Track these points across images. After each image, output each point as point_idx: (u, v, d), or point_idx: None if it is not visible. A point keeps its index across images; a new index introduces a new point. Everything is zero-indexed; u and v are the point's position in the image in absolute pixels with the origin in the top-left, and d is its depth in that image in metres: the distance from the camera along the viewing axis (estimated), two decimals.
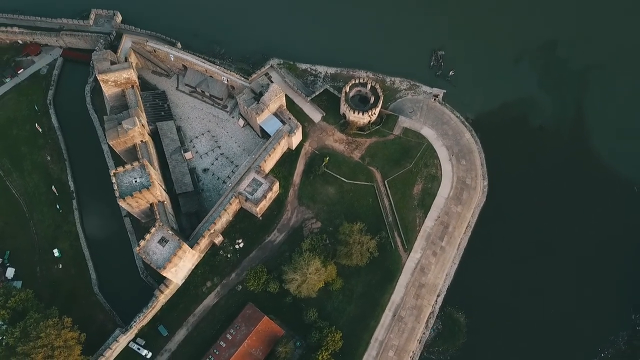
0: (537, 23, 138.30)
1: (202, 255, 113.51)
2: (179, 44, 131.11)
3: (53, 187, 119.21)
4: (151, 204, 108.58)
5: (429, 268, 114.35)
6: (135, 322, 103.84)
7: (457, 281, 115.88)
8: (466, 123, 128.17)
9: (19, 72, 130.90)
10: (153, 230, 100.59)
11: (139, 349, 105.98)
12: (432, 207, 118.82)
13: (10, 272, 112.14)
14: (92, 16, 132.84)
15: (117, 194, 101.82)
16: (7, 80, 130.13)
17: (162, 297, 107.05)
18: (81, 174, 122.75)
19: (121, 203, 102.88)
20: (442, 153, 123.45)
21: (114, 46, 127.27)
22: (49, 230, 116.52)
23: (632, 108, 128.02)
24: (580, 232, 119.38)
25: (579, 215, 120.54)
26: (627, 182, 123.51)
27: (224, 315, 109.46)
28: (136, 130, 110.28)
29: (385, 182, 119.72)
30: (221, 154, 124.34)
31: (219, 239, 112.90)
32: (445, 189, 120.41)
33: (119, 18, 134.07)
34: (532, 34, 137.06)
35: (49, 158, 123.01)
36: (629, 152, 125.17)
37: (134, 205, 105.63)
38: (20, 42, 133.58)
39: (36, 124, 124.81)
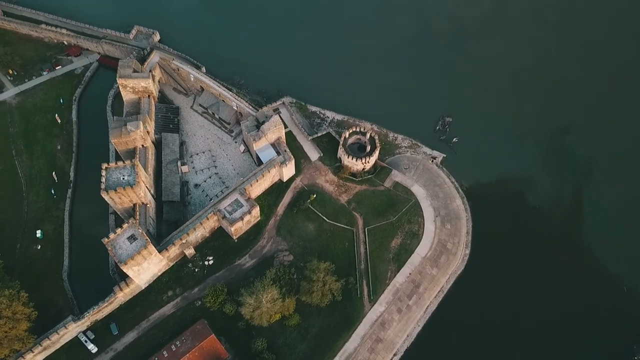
0: (551, 106, 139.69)
1: (171, 264, 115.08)
2: (203, 69, 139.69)
3: (54, 173, 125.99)
4: (135, 205, 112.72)
5: (390, 324, 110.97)
6: (88, 313, 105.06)
7: (418, 344, 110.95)
8: (459, 189, 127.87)
9: (56, 68, 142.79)
10: (125, 226, 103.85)
11: (86, 341, 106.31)
12: (407, 263, 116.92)
13: None
14: (134, 31, 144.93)
15: (102, 186, 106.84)
16: (45, 73, 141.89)
17: (121, 295, 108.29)
18: (84, 167, 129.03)
19: (104, 195, 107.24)
20: (428, 213, 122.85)
21: (143, 59, 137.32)
22: (39, 212, 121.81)
23: (632, 206, 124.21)
24: (560, 326, 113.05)
25: (561, 307, 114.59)
26: (617, 280, 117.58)
27: (176, 326, 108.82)
28: (138, 134, 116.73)
29: (366, 229, 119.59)
30: (215, 174, 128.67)
31: (190, 252, 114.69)
32: (423, 249, 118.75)
33: (156, 37, 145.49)
34: (543, 116, 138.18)
35: (59, 147, 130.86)
36: (622, 251, 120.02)
37: (117, 200, 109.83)
38: (65, 42, 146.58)
39: (56, 115, 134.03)
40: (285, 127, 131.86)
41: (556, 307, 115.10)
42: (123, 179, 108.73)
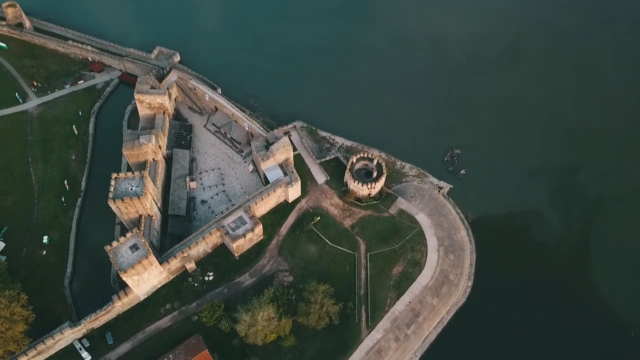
0: (562, 144, 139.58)
1: (172, 277, 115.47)
2: (219, 90, 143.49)
3: (66, 182, 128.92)
4: (140, 216, 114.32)
5: (387, 352, 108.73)
6: (85, 320, 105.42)
7: None
8: (465, 221, 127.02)
9: (79, 82, 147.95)
10: (129, 235, 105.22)
11: (80, 349, 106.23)
12: (407, 291, 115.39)
13: None
14: (156, 52, 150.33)
15: (110, 195, 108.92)
16: (67, 86, 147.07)
17: (119, 305, 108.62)
18: (95, 178, 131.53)
19: (111, 204, 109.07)
20: (432, 242, 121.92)
21: (162, 77, 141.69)
22: (48, 219, 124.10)
23: None
24: None
25: (565, 348, 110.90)
26: (624, 322, 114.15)
27: (171, 340, 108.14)
28: (150, 147, 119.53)
29: (368, 254, 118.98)
30: (223, 191, 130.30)
31: (191, 266, 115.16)
32: (425, 278, 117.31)
33: (177, 58, 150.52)
34: (553, 153, 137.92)
35: (73, 157, 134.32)
36: (630, 294, 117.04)
37: (123, 210, 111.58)
38: (89, 59, 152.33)
39: (74, 126, 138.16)
40: (295, 150, 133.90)
41: (559, 347, 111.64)
42: (131, 189, 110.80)
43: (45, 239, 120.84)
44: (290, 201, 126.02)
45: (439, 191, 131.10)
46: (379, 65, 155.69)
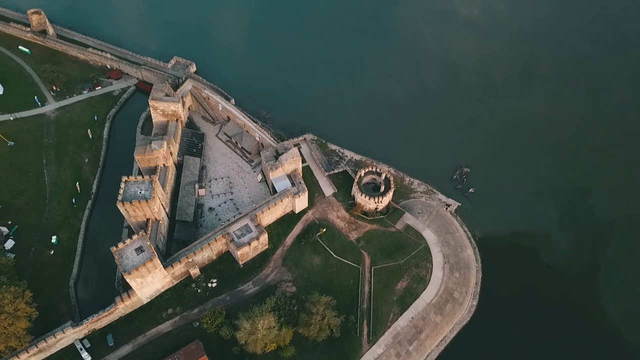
0: (572, 166, 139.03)
1: (175, 282, 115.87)
2: (232, 100, 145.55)
3: (77, 184, 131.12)
4: (148, 220, 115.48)
5: None
6: (87, 320, 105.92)
7: None
8: (472, 239, 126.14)
9: (96, 88, 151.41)
10: (135, 237, 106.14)
11: (81, 349, 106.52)
12: (411, 307, 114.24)
13: (9, 244, 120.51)
14: (173, 61, 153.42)
15: (119, 198, 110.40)
16: (85, 92, 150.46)
17: (122, 307, 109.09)
18: (106, 181, 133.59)
19: (120, 207, 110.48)
20: (437, 259, 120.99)
21: (177, 86, 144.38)
22: (58, 219, 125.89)
23: None
24: None
25: None
26: (632, 351, 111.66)
27: (171, 345, 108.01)
28: (161, 152, 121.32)
29: (372, 269, 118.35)
30: (231, 200, 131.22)
31: (195, 271, 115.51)
32: (429, 294, 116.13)
33: (193, 68, 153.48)
34: (563, 175, 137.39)
35: (86, 160, 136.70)
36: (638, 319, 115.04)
37: (131, 213, 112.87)
38: (108, 66, 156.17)
39: (89, 130, 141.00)
40: (304, 161, 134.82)
41: None
42: (140, 192, 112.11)
43: (53, 239, 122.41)
44: (296, 212, 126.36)
45: (446, 208, 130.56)
46: (390, 82, 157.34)
